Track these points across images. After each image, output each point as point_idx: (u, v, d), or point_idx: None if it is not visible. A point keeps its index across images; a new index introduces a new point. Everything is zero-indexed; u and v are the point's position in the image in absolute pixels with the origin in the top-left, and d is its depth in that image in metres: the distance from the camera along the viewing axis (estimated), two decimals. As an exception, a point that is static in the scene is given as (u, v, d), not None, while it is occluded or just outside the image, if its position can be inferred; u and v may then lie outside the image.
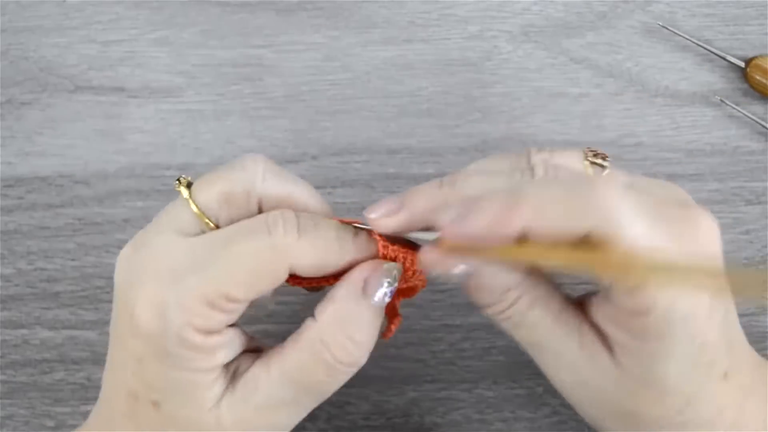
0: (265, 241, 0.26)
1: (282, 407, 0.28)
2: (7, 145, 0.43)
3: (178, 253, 0.27)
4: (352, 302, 0.27)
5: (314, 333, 0.27)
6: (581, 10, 0.44)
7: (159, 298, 0.26)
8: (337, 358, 0.27)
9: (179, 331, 0.26)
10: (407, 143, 0.42)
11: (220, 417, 0.27)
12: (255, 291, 0.27)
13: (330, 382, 0.28)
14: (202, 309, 0.26)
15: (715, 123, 0.43)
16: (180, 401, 0.27)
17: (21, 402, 0.40)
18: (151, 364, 0.27)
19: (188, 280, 0.26)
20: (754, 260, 0.41)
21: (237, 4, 0.44)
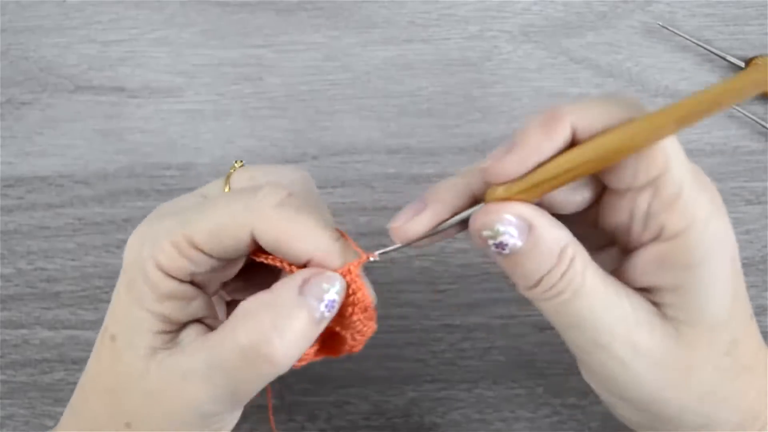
0: (243, 200, 0.27)
1: (207, 381, 0.27)
2: (7, 145, 0.43)
3: (182, 204, 0.29)
4: (286, 290, 0.27)
5: (240, 311, 0.27)
6: (581, 10, 0.44)
7: (143, 232, 0.28)
8: (251, 340, 0.26)
9: (143, 263, 0.27)
10: (407, 143, 0.42)
11: (149, 368, 0.27)
12: (216, 243, 0.27)
13: (244, 373, 0.27)
14: (167, 247, 0.27)
15: (715, 123, 0.43)
16: (127, 339, 0.28)
17: (21, 402, 0.40)
18: (123, 294, 0.28)
19: (168, 220, 0.28)
20: (754, 260, 0.41)
21: (237, 4, 0.44)
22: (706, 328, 0.27)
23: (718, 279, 0.26)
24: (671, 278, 0.26)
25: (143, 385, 0.27)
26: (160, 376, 0.27)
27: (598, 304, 0.26)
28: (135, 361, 0.27)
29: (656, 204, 0.26)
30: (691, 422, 0.28)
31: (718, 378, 0.27)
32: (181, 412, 0.27)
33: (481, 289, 0.40)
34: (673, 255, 0.26)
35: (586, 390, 0.30)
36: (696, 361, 0.27)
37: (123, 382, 0.28)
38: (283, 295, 0.27)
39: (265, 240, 0.27)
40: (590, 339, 0.27)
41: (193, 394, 0.27)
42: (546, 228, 0.26)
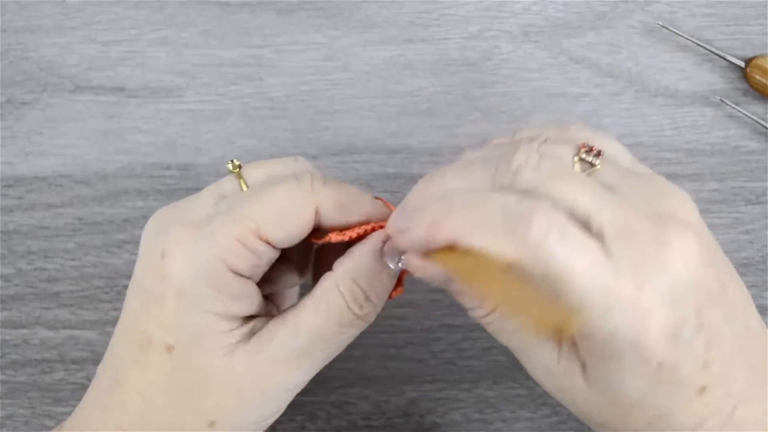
0: (294, 184, 0.28)
1: (294, 360, 0.28)
2: (7, 145, 0.43)
3: (212, 205, 0.29)
4: (370, 258, 0.29)
5: (331, 282, 0.28)
6: (581, 10, 0.44)
7: (193, 237, 0.27)
8: (350, 307, 0.28)
9: (210, 266, 0.27)
10: (407, 143, 0.42)
11: (233, 365, 0.27)
12: (284, 231, 0.27)
13: (341, 333, 0.29)
14: (234, 245, 0.27)
15: (715, 123, 0.43)
16: (194, 345, 0.27)
17: (21, 402, 0.40)
18: (174, 303, 0.27)
19: (221, 219, 0.27)
20: (754, 260, 0.41)
21: (237, 4, 0.44)
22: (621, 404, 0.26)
23: (629, 373, 0.25)
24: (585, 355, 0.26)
25: (228, 381, 0.28)
26: (246, 368, 0.28)
27: (523, 343, 0.28)
28: (211, 361, 0.27)
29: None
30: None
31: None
32: (276, 395, 0.29)
33: (481, 289, 0.40)
34: (580, 341, 0.26)
35: (586, 390, 0.30)
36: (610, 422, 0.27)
37: (200, 384, 0.28)
38: (368, 260, 0.29)
39: (329, 215, 0.28)
40: (522, 363, 0.29)
41: (287, 374, 0.28)
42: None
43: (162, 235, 0.28)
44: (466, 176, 0.27)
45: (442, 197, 0.26)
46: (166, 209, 0.30)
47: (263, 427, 0.30)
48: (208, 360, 0.27)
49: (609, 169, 0.27)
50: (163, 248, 0.27)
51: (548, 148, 0.27)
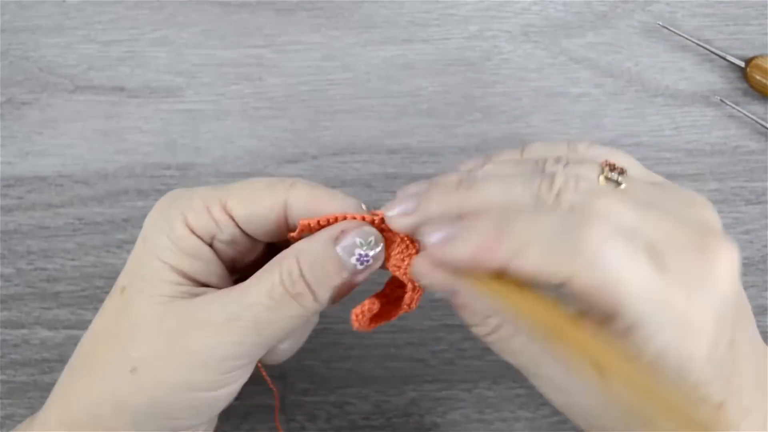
0: (276, 179, 0.29)
1: (226, 325, 0.27)
2: (7, 145, 0.43)
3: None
4: (320, 242, 0.28)
5: (277, 257, 0.28)
6: (581, 10, 0.44)
7: (170, 197, 0.30)
8: (282, 278, 0.28)
9: (170, 218, 0.29)
10: (407, 143, 0.42)
11: (165, 315, 0.28)
12: (248, 209, 0.29)
13: (273, 308, 0.28)
14: (198, 206, 0.29)
15: (715, 123, 0.43)
16: (140, 288, 0.28)
17: (21, 402, 0.40)
18: (139, 248, 0.29)
19: (200, 188, 0.30)
20: (754, 260, 0.41)
21: (237, 4, 0.44)
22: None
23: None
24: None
25: (156, 329, 0.28)
26: (178, 320, 0.28)
27: (529, 361, 0.28)
28: (148, 307, 0.28)
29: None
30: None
31: None
32: (203, 359, 0.27)
33: (481, 289, 0.40)
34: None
35: (586, 390, 0.30)
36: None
37: (131, 329, 0.28)
38: (317, 243, 0.28)
39: (298, 206, 0.29)
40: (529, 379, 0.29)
41: (216, 336, 0.27)
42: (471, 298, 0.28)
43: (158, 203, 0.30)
44: (508, 191, 0.27)
45: (490, 215, 0.26)
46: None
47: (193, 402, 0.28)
48: (145, 305, 0.28)
49: (634, 185, 0.27)
50: (151, 211, 0.30)
51: (577, 169, 0.27)
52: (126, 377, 0.28)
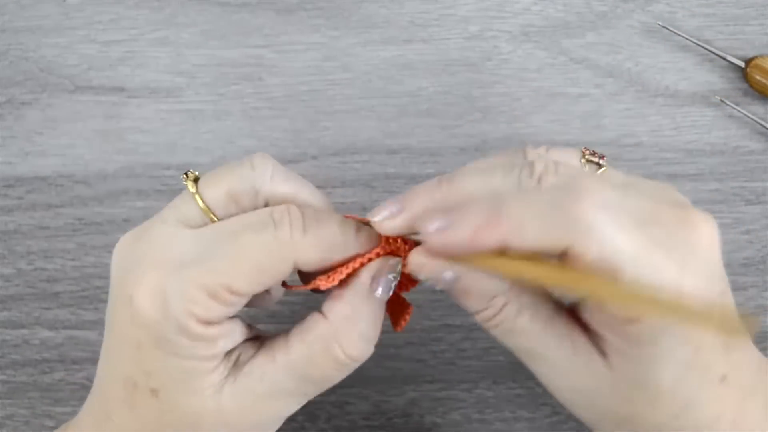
0: (272, 235, 0.26)
1: (284, 397, 0.29)
2: (7, 145, 0.43)
3: (181, 243, 0.27)
4: (362, 300, 0.28)
5: (325, 330, 0.28)
6: (581, 10, 0.44)
7: (160, 285, 0.26)
8: (348, 354, 0.28)
9: (179, 319, 0.26)
10: (407, 143, 0.42)
11: (222, 403, 0.27)
12: (258, 284, 0.27)
13: (337, 376, 0.29)
14: (203, 299, 0.26)
15: (715, 123, 0.43)
16: (180, 389, 0.27)
17: (21, 402, 0.40)
18: (150, 351, 0.27)
19: (191, 269, 0.26)
20: (754, 260, 0.41)
21: (237, 4, 0.44)
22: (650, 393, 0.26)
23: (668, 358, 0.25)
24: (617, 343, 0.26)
25: (218, 420, 0.28)
26: (237, 407, 0.28)
27: (534, 343, 0.28)
28: (200, 402, 0.27)
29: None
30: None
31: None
32: (266, 424, 0.29)
33: (481, 289, 0.40)
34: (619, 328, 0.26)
35: (586, 390, 0.30)
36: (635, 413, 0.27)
37: (189, 425, 0.28)
38: (361, 302, 0.28)
39: (310, 266, 0.28)
40: (531, 368, 0.29)
41: (278, 408, 0.29)
42: (474, 282, 0.27)
43: (129, 277, 0.27)
44: (489, 181, 0.27)
45: (477, 199, 0.26)
46: (131, 239, 0.28)
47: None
48: (195, 401, 0.27)
49: (611, 171, 0.29)
50: (130, 293, 0.27)
51: (555, 155, 0.28)
52: None
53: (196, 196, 0.28)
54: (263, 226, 0.27)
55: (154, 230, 0.28)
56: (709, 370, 0.26)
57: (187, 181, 0.28)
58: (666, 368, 0.25)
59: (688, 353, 0.25)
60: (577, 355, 0.27)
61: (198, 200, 0.28)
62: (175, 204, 0.29)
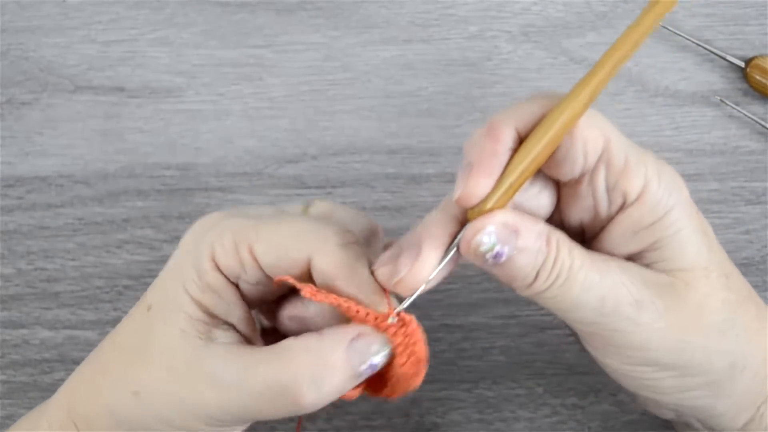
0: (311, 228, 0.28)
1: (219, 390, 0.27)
2: (7, 145, 0.43)
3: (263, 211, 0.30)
4: (333, 344, 0.27)
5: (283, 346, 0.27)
6: (581, 10, 0.44)
7: (214, 219, 0.29)
8: (283, 379, 0.27)
9: (200, 248, 0.28)
10: (407, 143, 0.42)
11: (178, 348, 0.28)
12: (272, 258, 0.27)
13: (265, 401, 0.27)
14: (228, 243, 0.28)
15: (715, 123, 0.43)
16: (162, 313, 0.28)
17: (21, 402, 0.40)
18: (170, 270, 0.29)
19: (241, 219, 0.28)
20: (754, 260, 0.41)
21: (237, 4, 0.44)
22: (698, 267, 0.28)
23: (688, 222, 0.28)
24: (649, 236, 0.28)
25: (167, 361, 0.28)
26: (187, 360, 0.28)
27: (593, 276, 0.27)
28: (167, 336, 0.28)
29: (612, 176, 0.28)
30: (720, 365, 0.29)
31: (730, 311, 0.29)
32: (191, 405, 0.28)
33: (481, 289, 0.40)
34: (642, 215, 0.28)
35: (586, 390, 0.31)
36: (702, 298, 0.28)
37: (147, 350, 0.28)
38: (330, 346, 0.27)
39: (318, 270, 0.27)
40: (595, 311, 0.28)
41: (207, 398, 0.27)
42: (529, 226, 0.27)
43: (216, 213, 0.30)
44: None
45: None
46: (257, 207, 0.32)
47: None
48: (165, 332, 0.28)
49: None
50: (198, 220, 0.30)
51: None
52: (128, 399, 0.28)
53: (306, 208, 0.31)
54: (317, 221, 0.29)
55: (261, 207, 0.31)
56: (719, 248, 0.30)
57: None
58: (696, 242, 0.28)
59: (701, 231, 0.29)
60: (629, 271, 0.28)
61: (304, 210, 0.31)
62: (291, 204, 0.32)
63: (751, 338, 0.29)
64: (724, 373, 0.29)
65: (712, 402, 0.30)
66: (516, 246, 0.27)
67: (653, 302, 0.28)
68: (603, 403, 0.39)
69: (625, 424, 0.39)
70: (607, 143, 0.27)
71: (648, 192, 0.28)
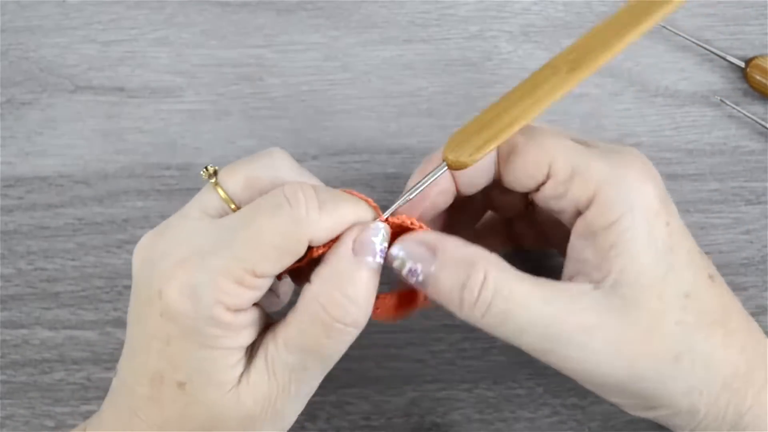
0: (288, 215, 0.27)
1: (294, 375, 0.28)
2: (7, 145, 0.43)
3: (205, 234, 0.28)
4: (344, 261, 0.28)
5: (310, 294, 0.28)
6: (581, 10, 0.44)
7: (189, 278, 0.27)
8: (333, 315, 0.27)
9: (210, 310, 0.26)
10: (407, 143, 0.42)
11: (240, 398, 0.28)
12: (280, 264, 0.27)
13: (331, 344, 0.28)
14: (232, 287, 0.27)
15: (715, 123, 0.43)
16: (204, 381, 0.27)
17: (21, 402, 0.40)
18: (180, 343, 0.27)
19: (216, 259, 0.27)
20: (754, 260, 0.41)
21: (237, 4, 0.44)
22: (647, 284, 0.27)
23: (645, 229, 0.27)
24: (603, 240, 0.27)
25: (240, 413, 0.28)
26: (255, 398, 0.28)
27: (536, 303, 0.27)
28: (222, 397, 0.28)
29: (559, 186, 0.28)
30: (676, 390, 0.28)
31: (685, 334, 0.28)
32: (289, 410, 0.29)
33: (481, 289, 0.40)
34: (594, 218, 0.28)
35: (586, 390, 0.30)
36: (653, 321, 0.27)
37: (213, 418, 0.28)
38: (342, 263, 0.28)
39: (321, 241, 0.28)
40: (541, 338, 0.28)
41: (295, 390, 0.29)
42: (450, 247, 0.28)
43: (155, 272, 0.28)
44: None
45: None
46: (153, 236, 0.29)
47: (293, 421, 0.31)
48: (218, 395, 0.28)
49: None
50: (159, 288, 0.27)
51: None
52: None
53: (217, 186, 0.29)
54: (278, 207, 0.27)
55: (177, 225, 0.29)
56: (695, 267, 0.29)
57: (206, 174, 0.29)
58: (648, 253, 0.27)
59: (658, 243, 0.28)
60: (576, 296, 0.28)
61: (218, 190, 0.29)
62: (197, 198, 0.30)
63: (710, 364, 0.28)
64: (681, 397, 0.28)
65: (676, 421, 0.29)
66: (434, 265, 0.28)
67: (602, 328, 0.27)
68: (603, 403, 0.39)
69: (625, 424, 0.39)
70: (550, 159, 0.28)
71: (598, 196, 0.28)
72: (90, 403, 0.39)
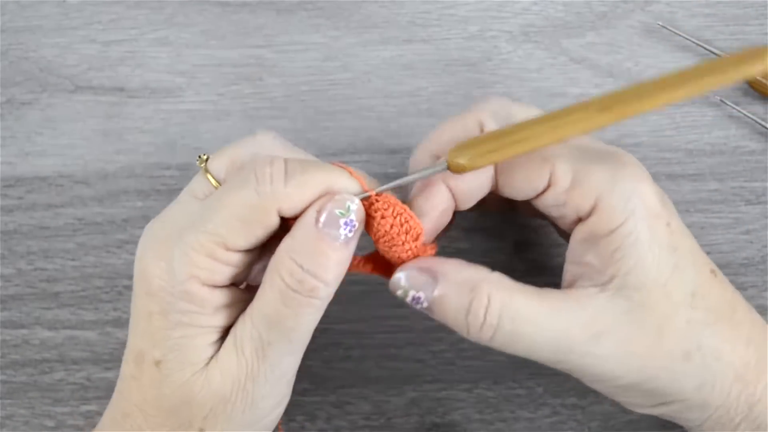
0: (253, 189, 0.27)
1: (258, 352, 0.28)
2: (7, 145, 0.43)
3: (189, 214, 0.29)
4: (302, 230, 0.28)
5: (271, 264, 0.28)
6: (581, 10, 0.44)
7: (166, 254, 0.28)
8: (287, 283, 0.27)
9: (184, 284, 0.27)
10: (407, 143, 0.42)
11: (210, 378, 0.28)
12: (251, 236, 0.28)
13: (290, 314, 0.28)
14: (204, 260, 0.27)
15: (715, 123, 0.43)
16: (178, 360, 0.28)
17: (21, 402, 0.40)
18: (159, 320, 0.28)
19: (189, 233, 0.27)
20: (754, 260, 0.41)
21: (237, 4, 0.44)
22: (653, 285, 0.28)
23: (647, 233, 0.28)
24: (608, 245, 0.28)
25: (211, 393, 0.28)
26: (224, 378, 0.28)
27: (542, 319, 0.28)
28: (194, 377, 0.28)
29: (559, 196, 0.29)
30: (688, 386, 0.28)
31: (694, 331, 0.28)
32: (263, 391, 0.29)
33: (481, 289, 0.40)
34: (598, 225, 0.28)
35: (586, 390, 0.30)
36: (662, 321, 0.28)
37: (186, 397, 0.28)
38: (301, 233, 0.28)
39: (292, 211, 0.28)
40: (552, 352, 0.28)
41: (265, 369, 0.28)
42: (451, 272, 0.28)
43: (145, 252, 0.28)
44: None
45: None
46: (153, 222, 0.30)
47: (273, 414, 0.30)
48: (189, 375, 0.28)
49: None
50: (144, 266, 0.28)
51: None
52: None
53: (202, 165, 0.30)
54: (245, 182, 0.28)
55: (169, 209, 0.30)
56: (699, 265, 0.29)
57: (199, 161, 0.30)
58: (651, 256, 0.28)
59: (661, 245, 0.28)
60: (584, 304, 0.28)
61: (204, 172, 0.30)
62: (189, 184, 0.31)
63: (720, 358, 0.28)
64: (693, 393, 0.29)
65: (687, 416, 0.30)
66: (437, 291, 0.28)
67: (612, 332, 0.28)
68: (603, 403, 0.39)
69: (626, 424, 0.39)
70: (551, 168, 0.28)
71: (600, 203, 0.28)
72: (90, 403, 0.40)
